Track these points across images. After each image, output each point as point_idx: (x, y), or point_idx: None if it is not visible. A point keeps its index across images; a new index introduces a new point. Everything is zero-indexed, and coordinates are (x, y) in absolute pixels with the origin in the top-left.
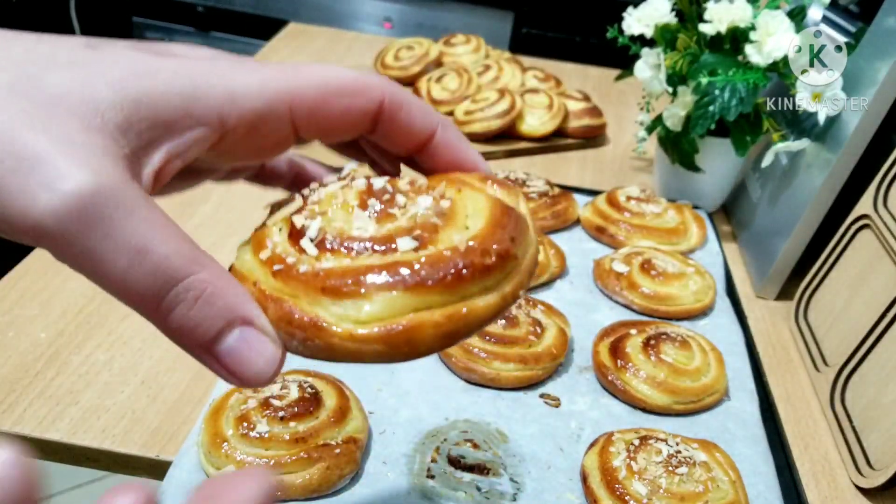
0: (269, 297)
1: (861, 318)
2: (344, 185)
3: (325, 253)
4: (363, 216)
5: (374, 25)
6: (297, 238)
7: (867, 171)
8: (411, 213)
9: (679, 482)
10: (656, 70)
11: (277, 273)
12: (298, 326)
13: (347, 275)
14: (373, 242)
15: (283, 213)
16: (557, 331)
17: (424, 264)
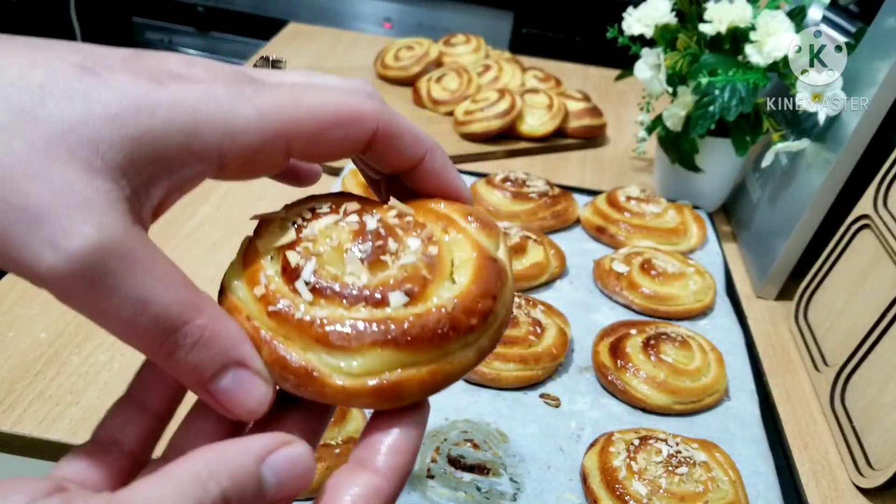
0: (262, 339)
1: (861, 318)
2: (337, 220)
3: (319, 299)
4: (356, 261)
5: (374, 25)
6: (291, 277)
7: (867, 171)
8: (402, 262)
9: (679, 482)
10: (656, 70)
11: (272, 314)
12: (292, 372)
13: (339, 329)
14: (366, 293)
15: (276, 243)
16: (557, 331)
17: (414, 324)
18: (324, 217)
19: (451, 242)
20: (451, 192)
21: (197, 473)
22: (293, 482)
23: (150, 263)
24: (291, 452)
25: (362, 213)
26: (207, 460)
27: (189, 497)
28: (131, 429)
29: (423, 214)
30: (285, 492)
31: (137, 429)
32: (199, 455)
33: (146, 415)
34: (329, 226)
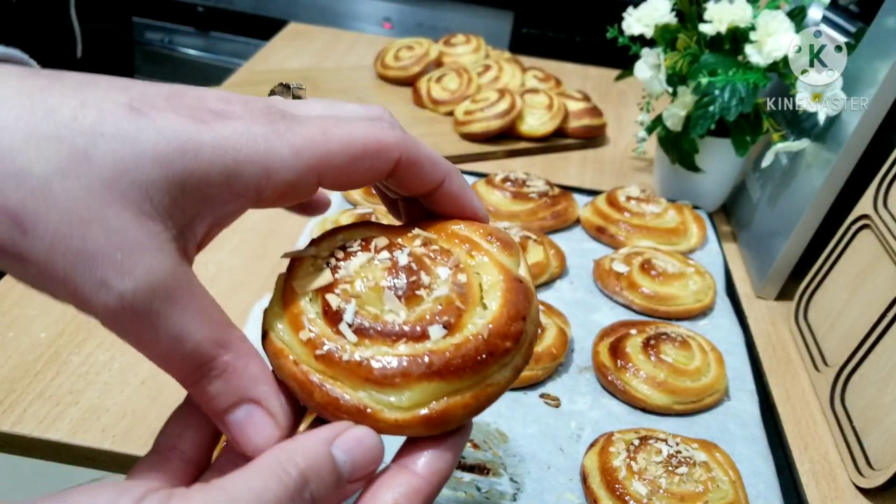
0: (313, 383)
1: (861, 318)
2: (370, 258)
3: (363, 339)
4: (393, 299)
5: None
6: (333, 320)
7: (867, 171)
8: (436, 295)
9: (679, 482)
10: (656, 70)
11: (320, 357)
12: (346, 412)
13: (387, 368)
14: (406, 329)
15: (312, 285)
16: (557, 331)
17: (455, 355)
18: (356, 256)
19: (477, 266)
20: (469, 212)
21: (276, 460)
22: (363, 458)
23: (190, 301)
24: (356, 432)
25: (392, 248)
26: (283, 449)
27: (272, 480)
28: (190, 434)
29: (447, 239)
30: (358, 470)
31: (196, 435)
32: (276, 447)
33: (204, 421)
34: (363, 265)
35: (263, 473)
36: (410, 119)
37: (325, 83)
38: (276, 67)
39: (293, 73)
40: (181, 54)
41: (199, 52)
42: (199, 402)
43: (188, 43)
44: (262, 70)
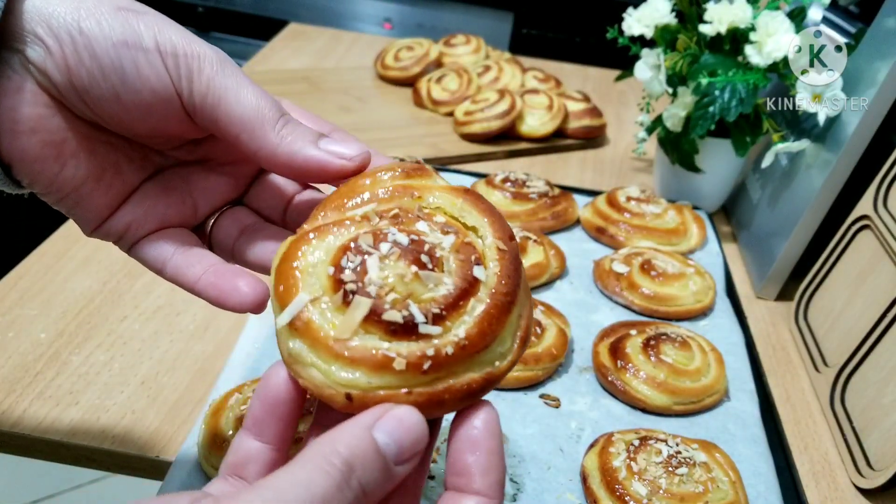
0: (436, 393)
1: (861, 318)
2: (379, 256)
3: (444, 323)
4: (430, 275)
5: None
6: (408, 331)
7: (867, 171)
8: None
9: (679, 483)
10: (656, 71)
11: (429, 370)
12: (478, 389)
13: (484, 329)
14: (462, 288)
15: (356, 321)
16: (557, 331)
17: (504, 280)
18: (368, 261)
19: (429, 202)
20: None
21: (319, 452)
22: (407, 437)
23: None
24: (397, 412)
25: (377, 237)
26: (326, 440)
27: (317, 472)
28: (254, 467)
29: (387, 200)
30: (404, 451)
31: (260, 464)
32: (318, 438)
33: (266, 448)
34: (382, 268)
35: (308, 466)
36: (411, 119)
37: (325, 83)
38: (277, 68)
39: (293, 74)
40: None
41: None
42: (280, 146)
43: None
44: (263, 70)
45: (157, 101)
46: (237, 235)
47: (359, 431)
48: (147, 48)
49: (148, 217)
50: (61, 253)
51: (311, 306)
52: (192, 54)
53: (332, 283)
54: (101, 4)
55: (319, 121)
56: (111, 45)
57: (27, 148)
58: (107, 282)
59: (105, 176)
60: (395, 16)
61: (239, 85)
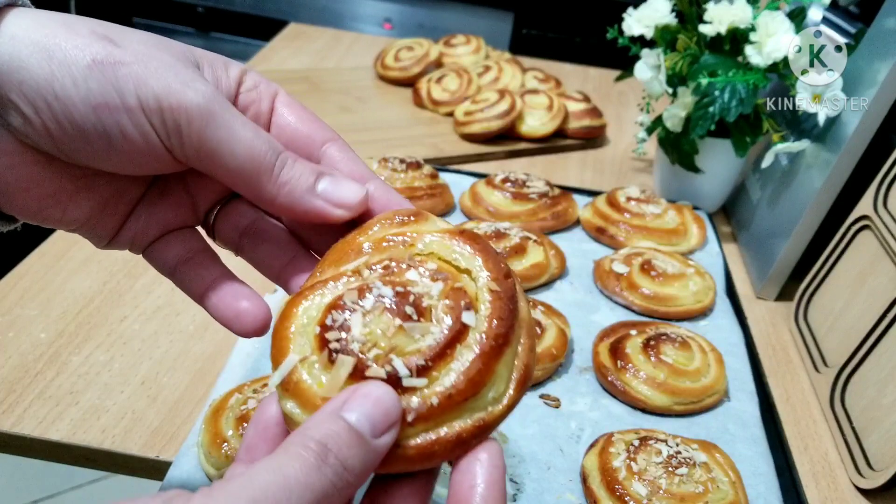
0: (429, 443)
1: (861, 318)
2: (361, 313)
3: (430, 374)
4: (415, 326)
5: (374, 26)
6: (395, 385)
7: (867, 171)
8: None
9: (679, 483)
10: (656, 71)
11: (418, 419)
12: (471, 437)
13: (472, 376)
14: (451, 334)
15: (340, 380)
16: (557, 331)
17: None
18: (352, 321)
19: (423, 247)
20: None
21: (292, 441)
22: (377, 412)
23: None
24: (362, 389)
25: (362, 292)
26: (297, 432)
27: (291, 458)
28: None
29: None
30: (378, 423)
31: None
32: (293, 433)
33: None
34: (365, 324)
35: (281, 455)
36: (411, 120)
37: (325, 84)
38: (277, 68)
39: (293, 74)
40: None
41: None
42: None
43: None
44: (263, 70)
45: (148, 157)
46: (241, 229)
47: (329, 416)
48: (130, 108)
49: (150, 224)
50: (61, 253)
51: (300, 366)
52: (178, 108)
53: (318, 342)
54: (73, 58)
55: (315, 122)
56: (90, 110)
57: (25, 205)
58: (107, 282)
59: (108, 204)
60: (395, 16)
61: (230, 136)
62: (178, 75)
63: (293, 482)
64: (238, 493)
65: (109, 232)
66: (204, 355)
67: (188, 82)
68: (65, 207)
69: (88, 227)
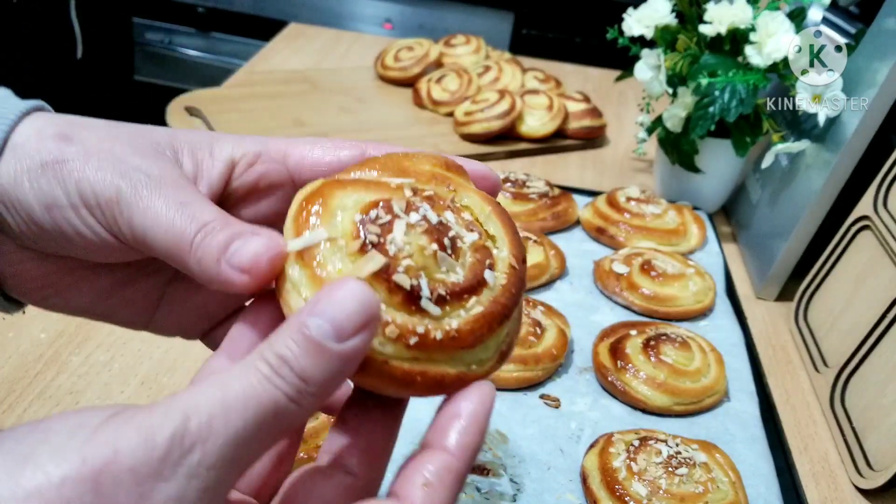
0: (412, 373)
1: (861, 319)
2: (407, 223)
3: (444, 307)
4: (447, 259)
5: (375, 26)
6: (411, 300)
7: (867, 171)
8: (469, 241)
9: (679, 483)
10: (656, 71)
11: (414, 346)
12: (449, 385)
13: (475, 330)
14: (471, 283)
15: (364, 271)
16: (557, 332)
17: (508, 291)
18: (396, 226)
19: (458, 198)
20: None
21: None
22: (342, 312)
23: (183, 186)
24: (331, 290)
25: (409, 208)
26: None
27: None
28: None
29: (424, 180)
30: (345, 327)
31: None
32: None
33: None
34: (406, 233)
35: (236, 370)
36: (411, 120)
37: (326, 84)
38: (277, 68)
39: (293, 74)
40: (181, 55)
41: (200, 52)
42: (197, 273)
43: (188, 43)
44: (263, 70)
45: (108, 247)
46: None
47: (293, 323)
48: (74, 205)
49: (190, 314)
50: None
51: (326, 244)
52: (110, 198)
53: (354, 229)
54: (30, 162)
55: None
56: (44, 210)
57: (29, 294)
58: None
59: (114, 293)
60: (396, 16)
61: (153, 219)
62: (120, 167)
63: (232, 398)
64: (178, 404)
65: (137, 319)
66: (204, 356)
67: (127, 172)
68: (67, 297)
69: (103, 314)
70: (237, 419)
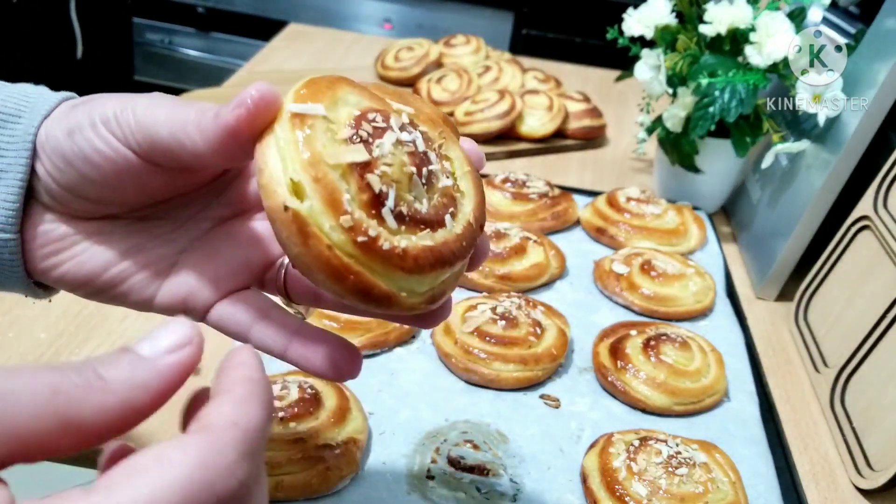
0: (348, 269)
1: (861, 319)
2: (397, 138)
3: (401, 226)
4: (419, 185)
5: (374, 26)
6: (374, 205)
7: (867, 171)
8: (442, 184)
9: (679, 483)
10: (656, 71)
11: (361, 244)
12: (375, 299)
13: (420, 258)
14: (430, 218)
15: (345, 157)
16: (557, 332)
17: (459, 243)
18: (387, 134)
19: (445, 149)
20: None
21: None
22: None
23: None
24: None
25: (405, 127)
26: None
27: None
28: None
29: (422, 118)
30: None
31: None
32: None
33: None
34: (394, 144)
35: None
36: None
37: None
38: (277, 68)
39: (293, 74)
40: (181, 55)
41: (200, 52)
42: (199, 132)
43: (188, 44)
44: (263, 71)
45: (119, 164)
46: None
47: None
48: (93, 124)
49: (201, 285)
50: None
51: (321, 120)
52: (125, 108)
53: (349, 120)
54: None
55: None
56: (67, 136)
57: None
58: None
59: (129, 257)
60: (395, 16)
61: (158, 107)
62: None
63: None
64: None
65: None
66: (204, 355)
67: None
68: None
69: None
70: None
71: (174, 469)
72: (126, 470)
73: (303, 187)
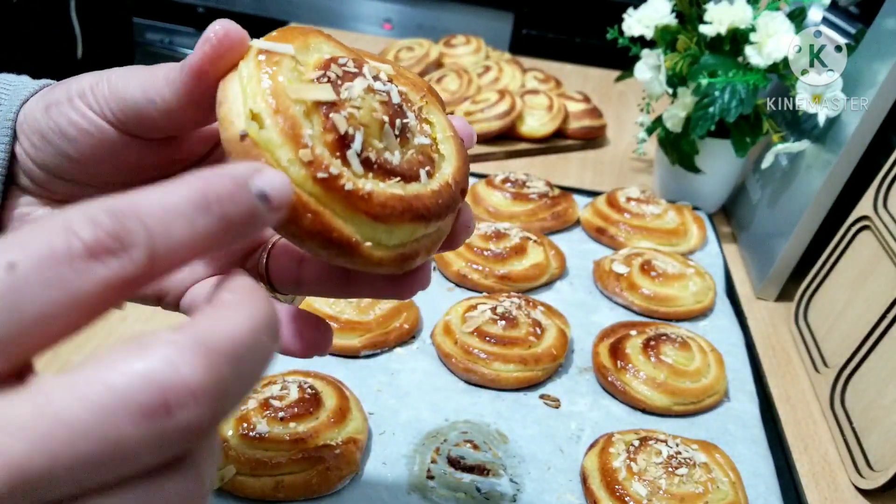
0: (307, 207)
1: (861, 319)
2: (369, 85)
3: (368, 172)
4: (391, 135)
5: (374, 26)
6: (339, 146)
7: (867, 172)
8: (418, 142)
9: (679, 483)
10: (656, 71)
11: (320, 181)
12: (335, 243)
13: (387, 205)
14: (400, 170)
15: (310, 95)
16: (557, 332)
17: (434, 201)
18: (358, 79)
19: (427, 112)
20: None
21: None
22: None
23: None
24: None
25: (379, 77)
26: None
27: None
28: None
29: (403, 80)
30: (275, 201)
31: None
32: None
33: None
34: (365, 90)
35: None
36: None
37: None
38: None
39: None
40: (182, 55)
41: None
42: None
43: (189, 44)
44: None
45: (95, 137)
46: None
47: (232, 172)
48: (70, 98)
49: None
50: None
51: (288, 60)
52: (100, 80)
53: (319, 63)
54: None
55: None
56: (44, 112)
57: None
58: None
59: None
60: (395, 16)
61: (130, 74)
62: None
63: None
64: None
65: None
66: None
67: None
68: None
69: None
70: None
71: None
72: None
73: (262, 118)
